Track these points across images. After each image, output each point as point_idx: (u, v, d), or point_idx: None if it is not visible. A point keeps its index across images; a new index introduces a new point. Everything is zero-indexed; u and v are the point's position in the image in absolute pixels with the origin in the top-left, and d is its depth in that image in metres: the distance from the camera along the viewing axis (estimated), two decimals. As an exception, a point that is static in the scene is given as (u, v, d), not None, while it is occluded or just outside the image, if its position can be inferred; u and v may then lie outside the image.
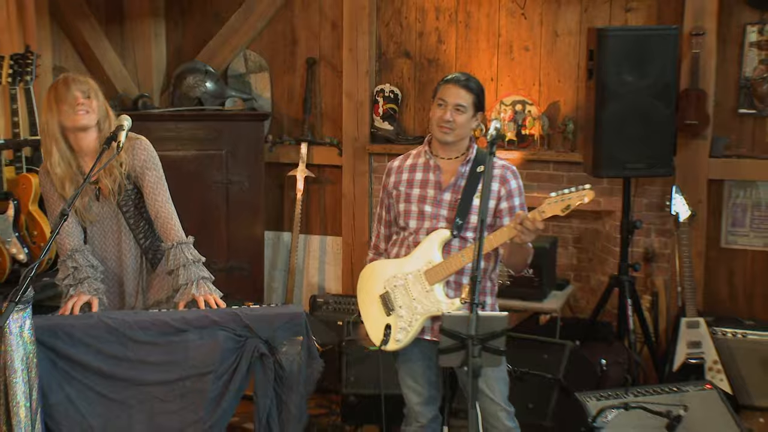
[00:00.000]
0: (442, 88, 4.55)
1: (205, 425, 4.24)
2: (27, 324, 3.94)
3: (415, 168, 4.60)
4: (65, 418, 4.13)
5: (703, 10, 6.34)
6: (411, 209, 4.56)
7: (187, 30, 7.98)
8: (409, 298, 4.47)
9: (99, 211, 4.76)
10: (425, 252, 4.46)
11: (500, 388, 4.58)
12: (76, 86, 4.55)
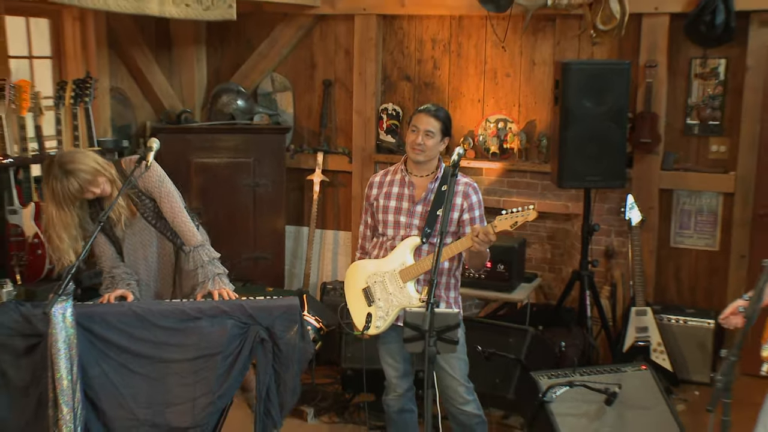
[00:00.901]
0: (415, 117, 4.72)
1: (214, 396, 4.40)
2: (68, 311, 4.10)
3: (393, 183, 4.75)
4: (102, 388, 4.30)
5: (655, 46, 6.49)
6: (388, 219, 4.73)
7: (224, 55, 8.08)
8: (387, 292, 4.64)
9: (131, 228, 4.94)
10: (399, 255, 4.63)
11: (460, 367, 4.72)
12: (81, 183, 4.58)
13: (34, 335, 4.26)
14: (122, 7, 5.40)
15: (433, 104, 4.84)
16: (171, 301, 4.67)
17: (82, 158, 4.72)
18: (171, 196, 4.89)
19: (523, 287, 6.53)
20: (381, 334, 4.65)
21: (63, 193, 4.62)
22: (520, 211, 4.29)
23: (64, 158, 4.71)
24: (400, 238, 4.68)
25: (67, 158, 4.71)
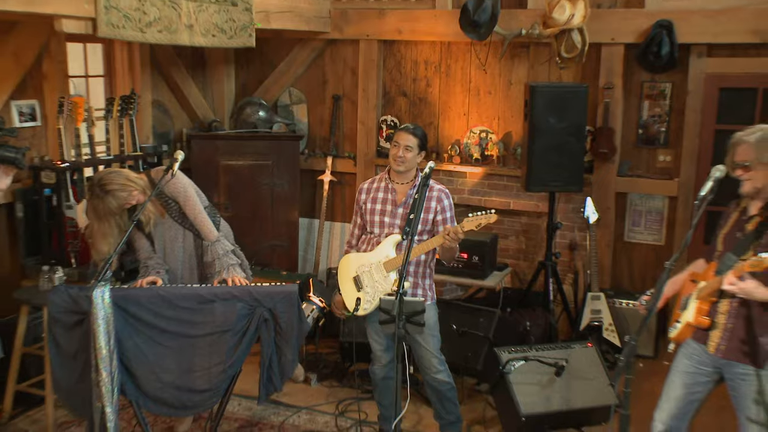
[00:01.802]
0: (396, 134, 4.90)
1: (225, 365, 4.59)
2: (106, 294, 4.28)
3: (379, 189, 4.92)
4: (134, 357, 4.52)
5: (612, 71, 6.64)
6: (375, 219, 4.90)
7: (249, 73, 8.16)
8: (373, 280, 4.81)
9: (161, 226, 5.13)
10: (384, 249, 4.79)
11: (433, 343, 4.90)
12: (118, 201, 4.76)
13: (80, 313, 4.43)
14: (158, 39, 5.56)
15: (412, 124, 4.98)
16: (191, 286, 4.82)
17: (116, 179, 4.83)
18: (193, 200, 5.03)
19: (495, 275, 6.59)
20: (368, 315, 4.80)
21: (103, 210, 4.81)
22: (483, 215, 4.45)
23: (103, 181, 4.83)
24: (385, 236, 4.85)
25: (105, 180, 4.83)
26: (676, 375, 4.03)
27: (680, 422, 4.05)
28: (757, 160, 3.70)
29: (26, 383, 5.73)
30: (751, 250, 3.70)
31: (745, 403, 3.78)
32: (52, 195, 6.03)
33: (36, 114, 6.28)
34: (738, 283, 3.55)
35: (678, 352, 4.07)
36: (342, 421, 5.68)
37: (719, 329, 3.82)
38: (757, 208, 3.80)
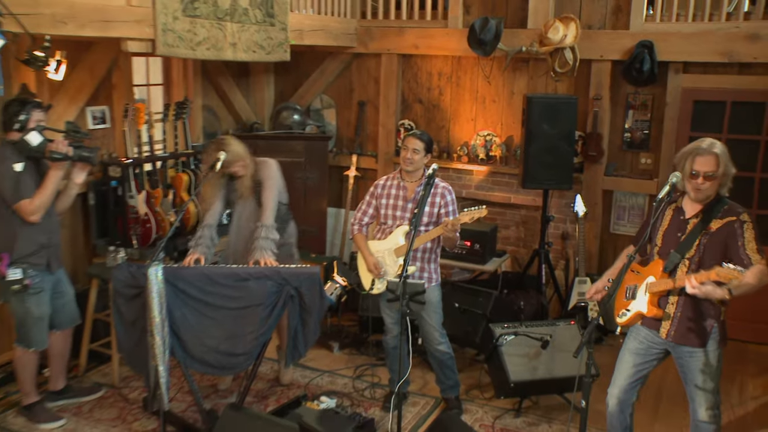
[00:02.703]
0: (406, 139, 4.99)
1: (258, 333, 4.72)
2: (159, 272, 4.46)
3: (392, 186, 5.04)
4: (182, 325, 4.69)
5: (601, 84, 6.69)
6: (388, 212, 5.03)
7: (286, 81, 8.20)
8: (385, 264, 4.97)
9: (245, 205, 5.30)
10: (394, 238, 4.96)
11: (436, 318, 5.05)
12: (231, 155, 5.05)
13: (138, 287, 4.61)
14: (206, 56, 5.76)
15: (419, 130, 5.06)
16: (229, 266, 4.92)
17: (233, 142, 5.14)
18: (273, 187, 5.22)
19: (494, 261, 6.71)
20: (381, 293, 4.97)
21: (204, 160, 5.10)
22: (476, 209, 4.59)
23: (224, 140, 5.14)
24: (396, 226, 4.98)
25: (225, 141, 5.13)
26: (627, 354, 4.13)
27: (630, 394, 4.18)
28: (721, 171, 3.76)
29: (97, 343, 5.93)
30: (693, 249, 3.80)
31: (693, 375, 3.93)
32: (117, 186, 6.16)
33: (106, 117, 6.40)
34: (700, 287, 3.59)
35: (628, 335, 4.17)
36: (359, 383, 5.78)
37: (669, 319, 3.92)
38: (697, 211, 3.87)
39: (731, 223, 3.78)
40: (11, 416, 5.21)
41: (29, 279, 4.78)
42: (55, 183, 4.74)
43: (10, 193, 4.61)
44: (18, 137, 4.68)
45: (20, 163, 4.66)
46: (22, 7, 4.22)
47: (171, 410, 5.01)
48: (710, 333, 3.88)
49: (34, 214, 4.68)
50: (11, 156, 4.66)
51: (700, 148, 3.80)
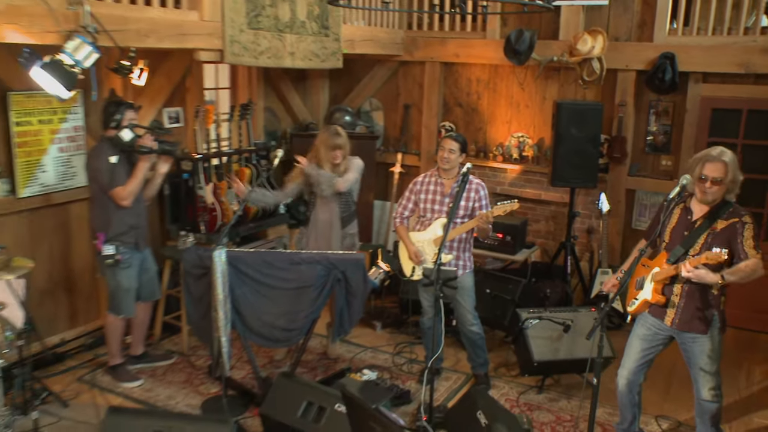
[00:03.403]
0: (443, 140, 5.07)
1: (308, 311, 4.88)
2: (223, 255, 4.63)
3: (430, 183, 5.10)
4: (243, 302, 4.84)
5: (626, 91, 6.66)
6: (427, 207, 5.09)
7: (340, 85, 8.25)
8: (425, 253, 5.05)
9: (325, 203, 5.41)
10: (433, 229, 5.03)
11: (469, 301, 5.12)
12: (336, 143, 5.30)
13: (204, 268, 4.78)
14: (268, 63, 5.93)
15: (455, 132, 5.26)
16: (284, 251, 5.10)
17: (344, 133, 5.38)
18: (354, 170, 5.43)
19: (523, 252, 6.75)
20: (420, 279, 4.94)
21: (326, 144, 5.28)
22: (509, 203, 4.69)
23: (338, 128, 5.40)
24: (434, 219, 5.06)
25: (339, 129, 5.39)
26: (636, 340, 4.25)
27: (638, 375, 4.29)
28: (729, 178, 3.83)
29: (169, 316, 6.12)
30: (698, 245, 3.90)
31: (697, 359, 4.03)
32: (188, 178, 6.28)
33: (180, 117, 6.56)
34: (694, 270, 3.71)
35: (636, 322, 4.28)
36: (398, 359, 5.87)
37: (673, 307, 4.02)
38: (704, 212, 3.95)
39: (734, 224, 3.87)
40: (100, 374, 5.48)
41: (120, 255, 5.06)
42: (143, 173, 5.02)
43: (106, 181, 4.92)
44: (113, 134, 4.96)
45: (115, 156, 4.96)
46: (113, 25, 4.46)
47: (231, 376, 5.19)
48: (711, 320, 3.97)
49: (125, 199, 4.97)
50: (108, 150, 4.96)
51: (710, 155, 3.86)
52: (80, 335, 5.95)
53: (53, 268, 5.70)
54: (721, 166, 3.83)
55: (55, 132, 5.54)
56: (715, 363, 4.06)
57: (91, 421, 4.73)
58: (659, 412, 5.06)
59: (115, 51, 4.68)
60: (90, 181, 5.16)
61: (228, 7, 5.39)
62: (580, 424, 4.70)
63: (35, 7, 4.09)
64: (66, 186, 5.64)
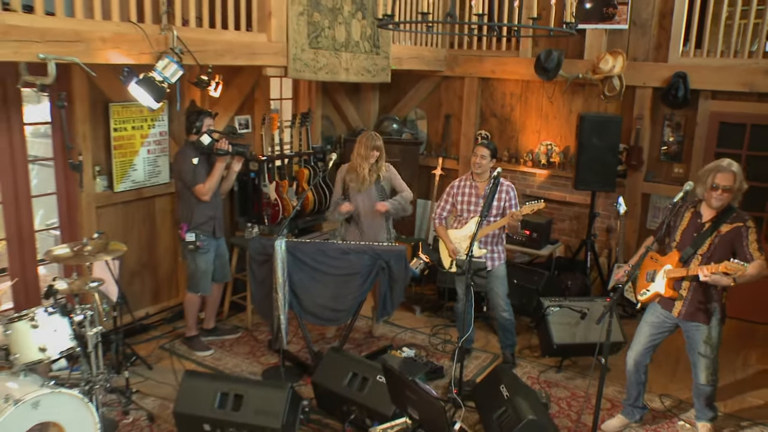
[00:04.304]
0: (476, 147, 5.19)
1: (355, 295, 4.99)
2: (283, 244, 4.78)
3: (466, 186, 5.19)
4: (299, 286, 4.97)
5: (643, 106, 6.63)
6: (463, 207, 5.17)
7: (388, 96, 8.23)
8: (461, 248, 5.08)
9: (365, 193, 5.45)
10: (469, 227, 5.10)
11: (502, 289, 5.19)
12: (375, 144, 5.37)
13: (267, 255, 4.90)
14: (325, 78, 5.99)
15: (487, 140, 5.30)
16: (336, 243, 5.15)
17: (380, 138, 5.44)
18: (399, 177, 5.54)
19: (548, 247, 6.76)
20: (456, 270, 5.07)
21: (365, 144, 5.31)
22: (536, 203, 4.75)
23: (377, 134, 5.46)
24: (470, 218, 5.13)
25: (377, 134, 5.45)
26: (645, 326, 4.35)
27: (644, 357, 4.39)
28: (736, 186, 3.94)
29: (236, 296, 6.25)
30: (705, 246, 4.00)
31: (698, 346, 4.15)
32: (255, 177, 6.38)
33: (249, 124, 6.65)
34: (711, 276, 3.81)
35: (647, 310, 4.37)
36: (434, 339, 5.92)
37: (681, 300, 4.13)
38: (712, 216, 4.04)
39: (738, 228, 3.95)
40: (178, 344, 5.68)
41: (200, 241, 5.27)
42: (220, 171, 5.21)
43: (189, 179, 5.14)
44: (195, 138, 5.17)
45: (196, 158, 5.18)
46: (195, 46, 4.66)
47: (288, 350, 5.30)
48: (713, 312, 4.06)
49: (205, 194, 5.17)
50: (190, 152, 5.18)
51: (721, 166, 3.96)
52: (162, 310, 6.13)
53: (141, 252, 5.89)
54: (730, 176, 3.93)
55: (145, 136, 5.73)
56: (714, 350, 4.15)
57: (171, 382, 4.92)
58: (663, 392, 5.11)
59: (196, 68, 4.85)
60: (176, 179, 5.36)
61: (292, 29, 5.50)
62: (592, 400, 4.75)
63: (135, 34, 4.33)
64: (152, 182, 5.83)
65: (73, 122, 5.15)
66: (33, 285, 5.28)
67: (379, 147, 5.42)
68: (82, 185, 5.21)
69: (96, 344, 4.13)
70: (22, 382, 3.60)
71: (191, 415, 4.13)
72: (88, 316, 4.06)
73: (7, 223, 5.10)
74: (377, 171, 5.45)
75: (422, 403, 3.69)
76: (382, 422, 3.99)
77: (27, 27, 3.73)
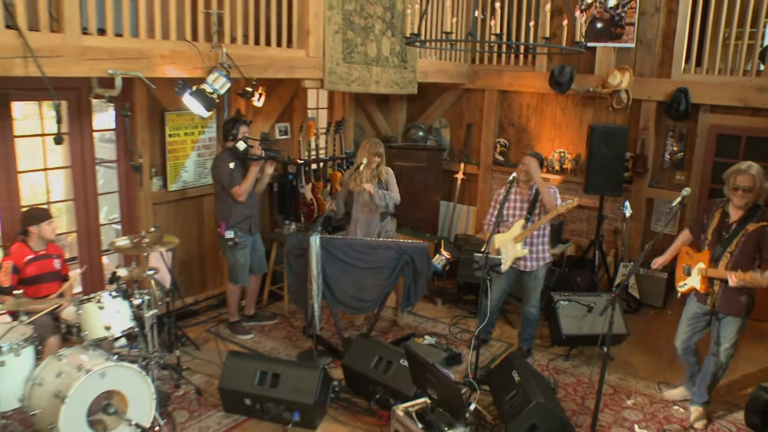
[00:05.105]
0: (522, 157, 5.09)
1: (382, 287, 5.04)
2: (317, 240, 4.80)
3: (511, 193, 5.01)
4: (332, 278, 5.01)
5: (648, 118, 6.62)
6: (509, 212, 5.07)
7: (415, 106, 8.21)
8: (507, 249, 5.04)
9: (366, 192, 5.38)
10: (514, 230, 5.04)
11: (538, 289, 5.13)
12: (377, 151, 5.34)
13: (303, 249, 4.96)
14: (358, 90, 6.00)
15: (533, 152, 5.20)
16: (365, 239, 5.18)
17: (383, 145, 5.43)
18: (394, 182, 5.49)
19: (560, 246, 6.80)
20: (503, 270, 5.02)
21: (369, 151, 5.28)
22: (570, 201, 4.81)
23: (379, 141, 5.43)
24: (515, 221, 5.08)
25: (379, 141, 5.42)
26: (685, 318, 4.50)
27: (688, 343, 4.51)
28: (757, 186, 4.01)
29: (275, 286, 6.30)
30: (733, 245, 4.09)
31: (722, 334, 4.24)
32: (293, 179, 6.47)
33: (288, 131, 6.73)
34: (738, 281, 3.94)
35: (687, 302, 4.47)
36: (453, 329, 5.92)
37: (713, 295, 4.22)
38: (739, 216, 4.11)
39: (763, 227, 4.01)
40: (222, 328, 5.77)
41: (238, 238, 5.30)
42: (254, 175, 5.24)
43: (227, 182, 5.19)
44: (231, 145, 5.22)
45: (233, 163, 5.21)
46: (241, 61, 4.78)
47: (321, 335, 5.30)
48: (743, 305, 4.14)
49: (241, 196, 5.21)
50: (227, 158, 5.22)
51: (740, 169, 4.05)
52: (208, 297, 6.21)
53: (190, 245, 5.99)
54: (750, 178, 4.01)
55: (195, 142, 5.84)
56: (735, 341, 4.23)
57: (216, 362, 5.00)
58: (662, 379, 5.13)
59: (242, 80, 4.94)
60: (214, 182, 5.39)
61: (328, 46, 5.56)
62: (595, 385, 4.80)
63: (189, 51, 4.48)
64: (201, 183, 5.93)
65: (135, 129, 5.29)
66: (98, 272, 5.45)
67: (381, 153, 5.41)
68: (141, 185, 5.37)
69: (152, 325, 4.25)
70: (91, 355, 3.78)
71: (234, 390, 4.25)
72: (146, 301, 4.19)
73: (77, 217, 5.29)
74: (378, 175, 5.44)
75: (441, 385, 3.76)
76: (405, 401, 4.04)
77: (99, 47, 3.91)
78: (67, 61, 3.70)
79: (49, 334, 4.15)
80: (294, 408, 4.15)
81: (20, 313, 3.92)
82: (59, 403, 3.39)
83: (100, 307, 3.90)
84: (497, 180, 7.66)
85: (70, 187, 5.30)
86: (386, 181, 5.49)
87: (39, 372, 3.64)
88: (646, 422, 4.51)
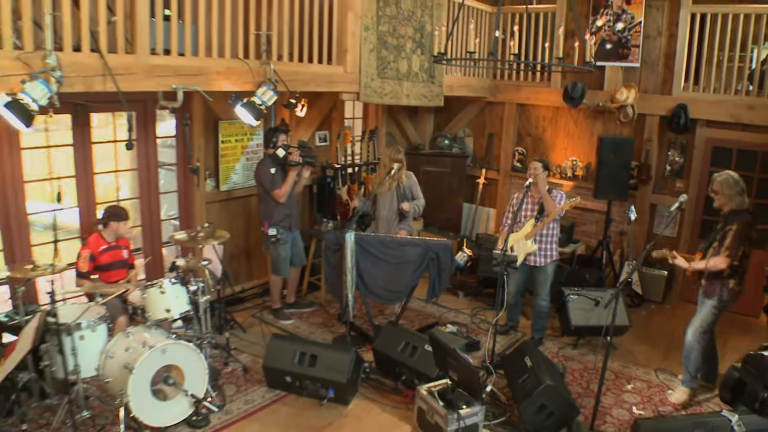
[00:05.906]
0: (531, 163, 5.07)
1: (410, 280, 4.99)
2: (352, 236, 4.81)
3: (522, 196, 4.98)
4: (365, 271, 4.98)
5: (651, 130, 6.60)
6: (522, 213, 5.10)
7: (441, 117, 8.17)
8: (519, 245, 5.04)
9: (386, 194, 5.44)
10: (526, 227, 5.05)
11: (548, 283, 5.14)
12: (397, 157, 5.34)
13: (339, 245, 4.94)
14: (390, 102, 6.01)
15: (539, 157, 5.20)
16: (394, 236, 5.16)
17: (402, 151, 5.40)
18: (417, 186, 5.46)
19: (571, 245, 6.79)
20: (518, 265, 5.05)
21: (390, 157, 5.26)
22: (574, 199, 4.82)
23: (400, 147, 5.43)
24: (526, 221, 5.09)
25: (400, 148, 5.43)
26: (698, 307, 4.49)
27: None
28: (723, 191, 4.17)
29: (313, 277, 6.32)
30: (716, 242, 4.21)
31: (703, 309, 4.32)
32: (331, 182, 6.48)
33: (327, 138, 6.75)
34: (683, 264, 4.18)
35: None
36: (474, 319, 5.91)
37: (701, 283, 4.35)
38: (723, 218, 4.26)
39: (732, 227, 4.13)
40: (266, 314, 5.81)
41: (279, 235, 5.35)
42: (293, 179, 5.29)
43: (269, 185, 5.24)
44: (272, 152, 5.26)
45: (274, 168, 5.27)
46: (287, 76, 4.84)
47: (354, 322, 5.29)
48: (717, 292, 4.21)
49: (281, 198, 5.26)
50: (269, 163, 5.27)
51: (714, 177, 4.27)
52: (254, 286, 6.26)
53: (239, 239, 6.04)
54: (716, 183, 4.22)
55: (244, 147, 5.91)
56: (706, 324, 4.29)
57: (260, 343, 5.03)
58: (659, 366, 5.10)
59: (287, 93, 4.99)
60: (257, 185, 5.42)
61: (364, 63, 5.59)
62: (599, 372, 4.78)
63: (241, 67, 4.57)
64: (248, 185, 5.99)
65: (192, 136, 5.38)
66: (159, 261, 5.56)
67: (400, 159, 5.36)
68: (198, 185, 5.47)
69: (205, 309, 4.35)
70: (153, 334, 3.91)
71: (276, 368, 4.33)
72: (200, 287, 4.29)
73: (142, 213, 5.42)
74: (398, 179, 5.40)
75: (461, 368, 3.81)
76: (428, 382, 4.06)
77: (165, 65, 4.04)
78: (138, 77, 3.84)
79: (119, 314, 4.28)
80: (329, 385, 4.20)
81: (96, 296, 4.08)
82: (128, 374, 3.53)
83: (162, 292, 4.02)
84: (515, 185, 7.62)
85: (136, 187, 5.43)
86: (408, 187, 5.43)
87: (111, 346, 3.78)
88: (644, 404, 4.51)
